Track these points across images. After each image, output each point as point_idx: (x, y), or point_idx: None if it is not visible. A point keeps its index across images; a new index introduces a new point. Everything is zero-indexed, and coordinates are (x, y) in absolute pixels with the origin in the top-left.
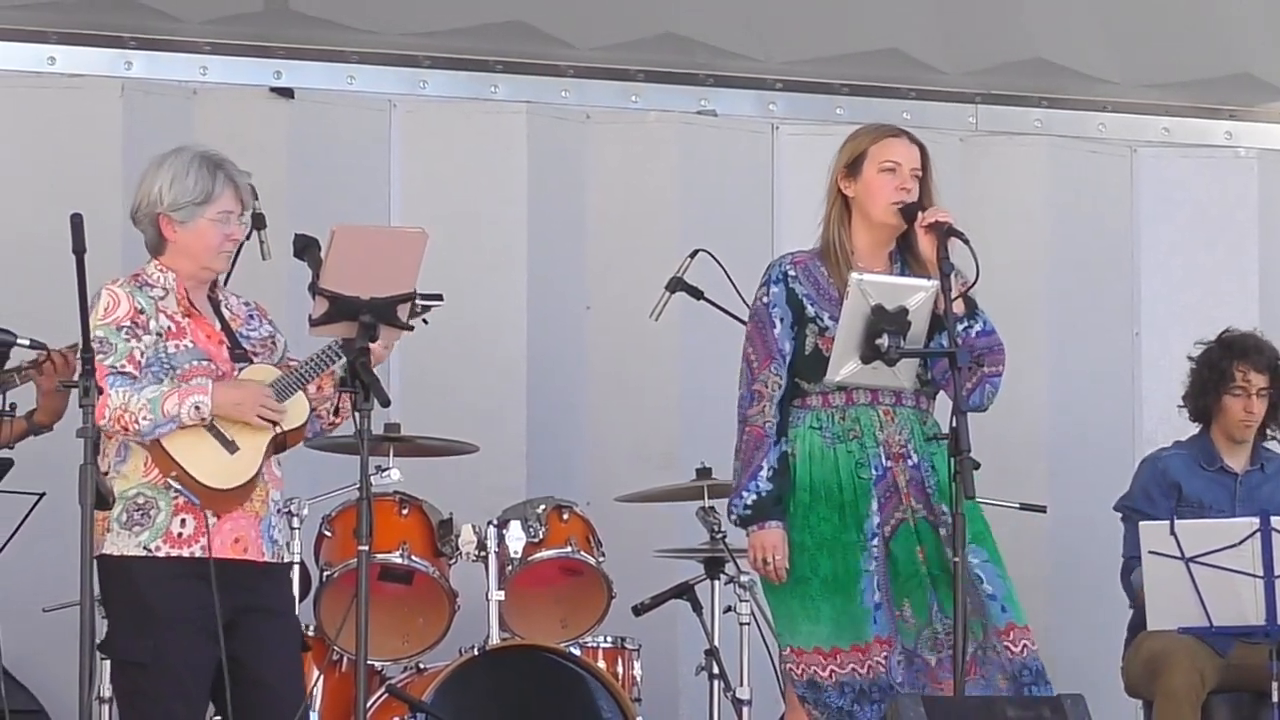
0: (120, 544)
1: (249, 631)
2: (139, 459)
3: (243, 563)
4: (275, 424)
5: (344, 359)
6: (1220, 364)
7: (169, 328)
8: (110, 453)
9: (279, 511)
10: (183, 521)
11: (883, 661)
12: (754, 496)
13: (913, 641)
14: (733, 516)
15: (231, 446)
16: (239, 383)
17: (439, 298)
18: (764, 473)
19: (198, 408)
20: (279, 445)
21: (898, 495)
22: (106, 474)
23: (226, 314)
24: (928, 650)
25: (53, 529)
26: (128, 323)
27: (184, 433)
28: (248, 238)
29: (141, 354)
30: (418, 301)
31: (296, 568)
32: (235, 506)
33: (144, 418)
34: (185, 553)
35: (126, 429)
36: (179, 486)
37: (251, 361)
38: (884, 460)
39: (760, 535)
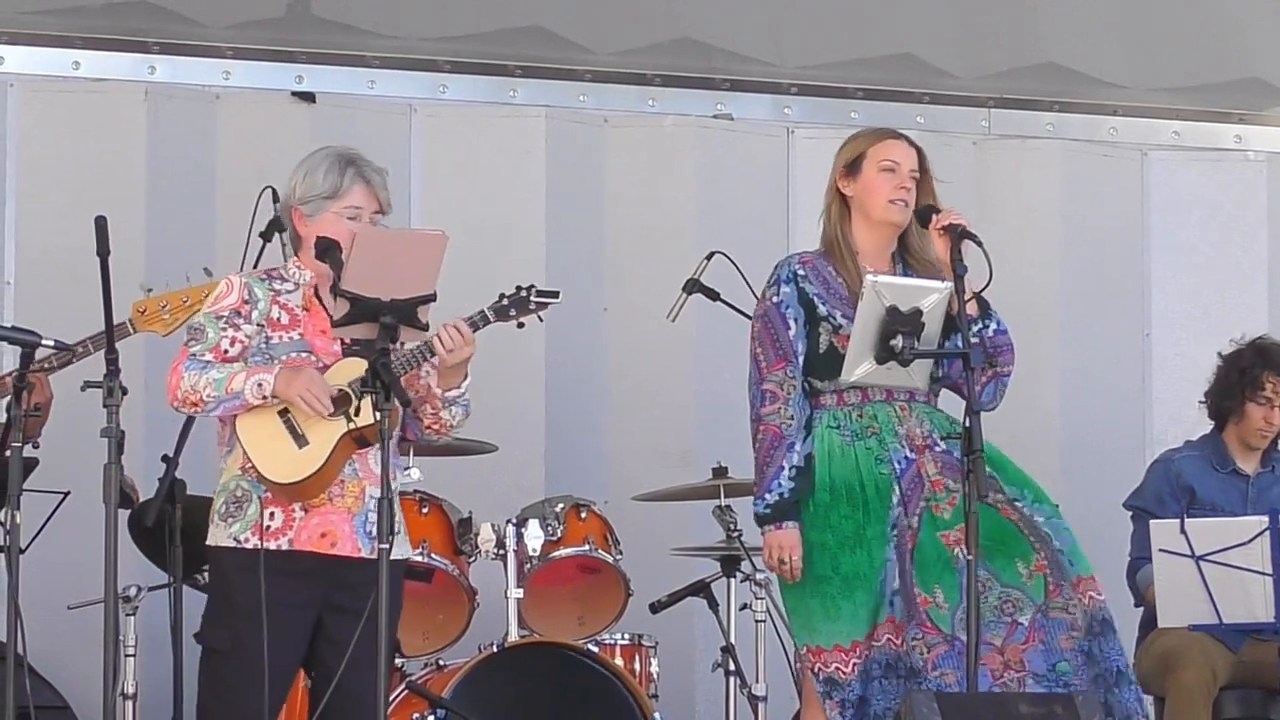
0: (217, 535)
1: (333, 632)
2: (240, 452)
3: (332, 558)
4: (322, 411)
5: (432, 358)
6: (1251, 370)
7: (280, 318)
8: (224, 442)
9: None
10: (271, 515)
11: (895, 641)
12: (776, 496)
13: (949, 626)
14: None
15: (301, 440)
16: (299, 369)
17: (556, 295)
18: (786, 472)
19: (260, 385)
20: (359, 441)
21: (923, 485)
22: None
23: None
24: (962, 630)
25: (78, 527)
26: (227, 312)
27: (259, 424)
28: (268, 240)
29: (233, 343)
30: (533, 298)
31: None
32: (304, 500)
33: (209, 394)
34: (272, 545)
35: (195, 405)
36: (252, 479)
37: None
38: (907, 453)
39: (778, 535)
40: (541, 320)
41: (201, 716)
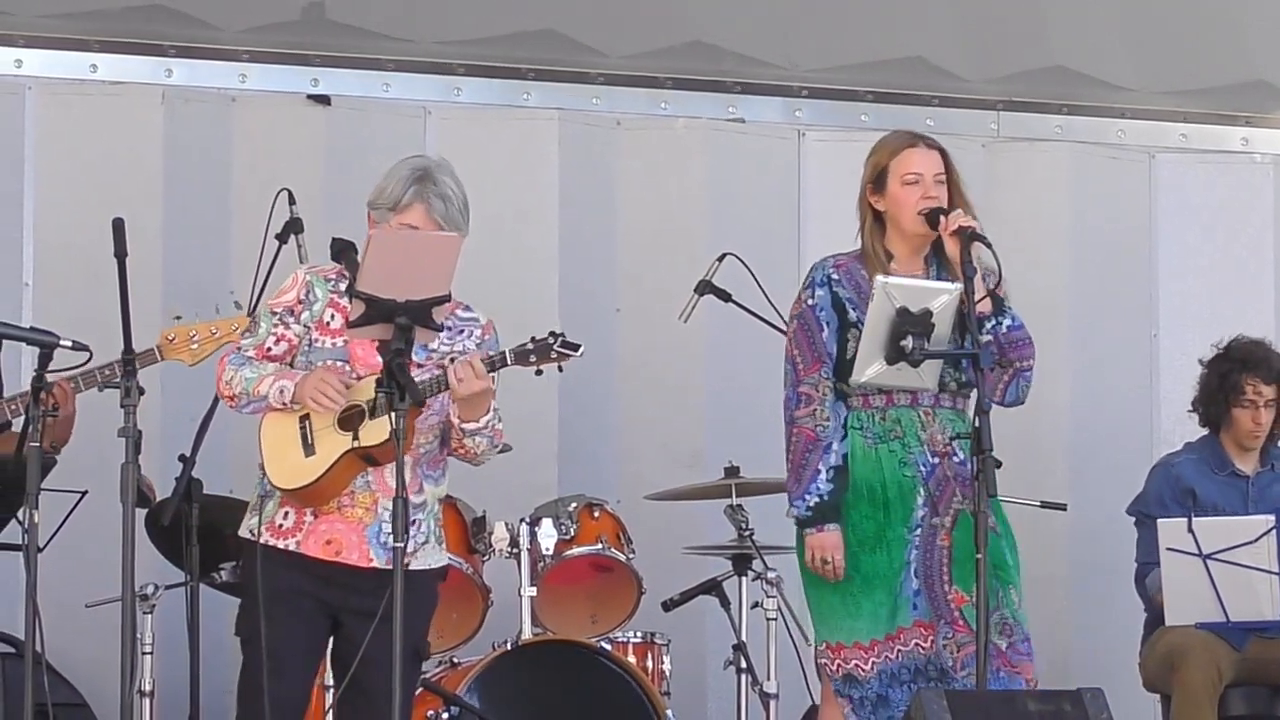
0: (242, 528)
1: (351, 633)
2: None
3: (340, 565)
4: (332, 407)
5: (447, 388)
6: (1230, 376)
7: (331, 322)
8: None
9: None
10: (285, 514)
11: (925, 645)
12: (816, 499)
13: None
14: (792, 514)
15: (309, 450)
16: (321, 368)
17: (577, 348)
18: (823, 475)
19: (282, 391)
20: (368, 459)
21: (952, 486)
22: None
23: None
24: (997, 635)
25: (95, 526)
26: (281, 309)
27: (278, 426)
28: (284, 241)
29: (279, 341)
30: (556, 347)
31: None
32: (308, 506)
33: (239, 391)
34: (280, 544)
35: (230, 400)
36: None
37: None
38: (930, 457)
39: (821, 537)
40: (561, 370)
41: (238, 704)
